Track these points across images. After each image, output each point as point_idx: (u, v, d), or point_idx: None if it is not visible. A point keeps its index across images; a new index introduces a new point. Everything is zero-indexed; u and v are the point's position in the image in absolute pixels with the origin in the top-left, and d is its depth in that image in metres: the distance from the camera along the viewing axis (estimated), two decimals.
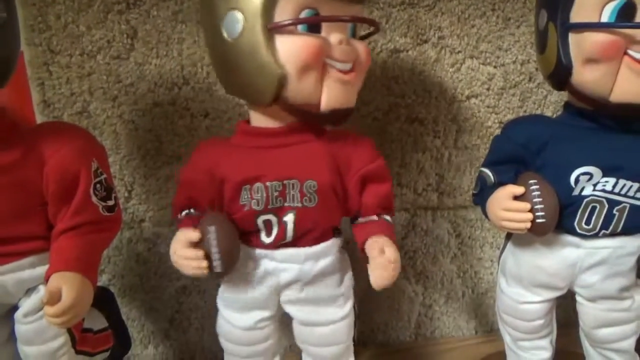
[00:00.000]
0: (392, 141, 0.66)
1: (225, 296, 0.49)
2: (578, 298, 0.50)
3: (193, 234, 0.43)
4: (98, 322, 0.51)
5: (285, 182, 0.44)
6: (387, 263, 0.42)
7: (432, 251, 0.70)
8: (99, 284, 0.66)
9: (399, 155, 0.67)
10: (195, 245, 0.43)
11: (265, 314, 0.49)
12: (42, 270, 0.42)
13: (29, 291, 0.43)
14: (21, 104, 0.60)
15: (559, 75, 0.44)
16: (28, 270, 0.43)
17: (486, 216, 0.48)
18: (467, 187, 0.68)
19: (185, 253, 0.43)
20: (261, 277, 0.47)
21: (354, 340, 0.51)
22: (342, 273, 0.49)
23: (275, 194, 0.44)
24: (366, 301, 0.70)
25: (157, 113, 0.62)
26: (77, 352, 0.46)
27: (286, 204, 0.45)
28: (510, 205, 0.44)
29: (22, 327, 0.43)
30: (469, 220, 0.70)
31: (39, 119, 0.61)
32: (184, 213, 0.48)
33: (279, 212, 0.45)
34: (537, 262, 0.48)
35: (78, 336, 0.46)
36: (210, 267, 0.43)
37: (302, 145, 0.45)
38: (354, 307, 0.51)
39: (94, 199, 0.43)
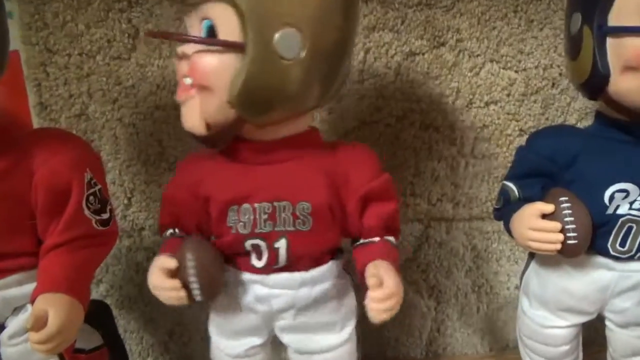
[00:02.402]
0: (405, 149, 0.63)
1: (215, 322, 0.46)
2: (608, 323, 0.46)
3: (169, 262, 0.40)
4: (91, 340, 0.48)
5: (275, 203, 0.41)
6: (386, 293, 0.37)
7: (446, 264, 0.67)
8: (95, 296, 0.64)
9: (412, 163, 0.64)
10: (174, 273, 0.40)
11: (257, 341, 0.46)
12: (30, 288, 0.39)
13: (16, 310, 0.40)
14: (16, 106, 0.57)
15: (594, 83, 0.40)
16: (15, 288, 0.40)
17: (509, 233, 0.45)
18: (484, 198, 0.65)
19: (161, 283, 0.39)
20: (252, 304, 0.44)
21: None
22: (341, 297, 0.45)
23: (264, 216, 0.41)
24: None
25: (159, 117, 0.59)
26: None
27: (277, 229, 0.41)
28: (538, 225, 0.40)
29: (8, 349, 0.40)
30: (485, 232, 0.67)
31: (36, 122, 0.59)
32: (168, 233, 0.45)
33: (268, 237, 0.41)
34: (564, 284, 0.45)
35: (68, 358, 0.43)
36: (190, 296, 0.40)
37: (294, 162, 0.41)
38: (355, 329, 0.47)
39: (86, 212, 0.40)
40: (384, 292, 0.37)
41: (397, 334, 0.68)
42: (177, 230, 0.45)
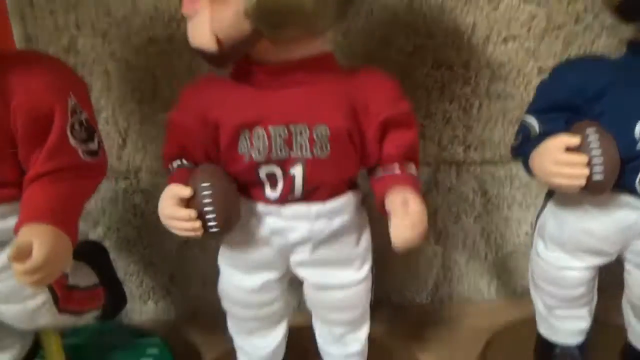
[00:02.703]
0: (416, 88, 0.60)
1: (227, 255, 0.44)
2: (628, 266, 0.44)
3: (184, 190, 0.37)
4: (87, 278, 0.46)
5: (291, 127, 0.38)
6: (411, 219, 0.36)
7: (454, 210, 0.65)
8: (92, 238, 0.63)
9: (423, 104, 0.60)
10: (187, 202, 0.37)
11: (273, 275, 0.44)
12: (14, 221, 0.36)
13: (1, 245, 0.38)
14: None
15: (633, 3, 0.36)
16: None
17: (528, 171, 0.42)
18: (498, 140, 0.62)
19: (175, 212, 0.37)
20: (267, 237, 0.41)
21: (370, 305, 0.46)
22: (360, 231, 0.44)
23: (280, 141, 0.38)
24: (381, 260, 0.65)
25: (152, 51, 0.56)
26: (61, 311, 0.42)
27: (293, 155, 0.38)
28: (563, 158, 0.38)
29: None
30: (497, 177, 0.64)
31: None
32: (175, 164, 0.42)
33: (285, 164, 0.39)
34: (584, 224, 0.43)
35: (61, 294, 0.41)
36: (205, 227, 0.37)
37: (310, 85, 0.38)
38: (371, 269, 0.45)
39: (71, 141, 0.37)
40: (410, 217, 0.36)
41: (403, 280, 0.67)
42: (184, 161, 0.42)
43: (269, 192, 0.40)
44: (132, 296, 0.66)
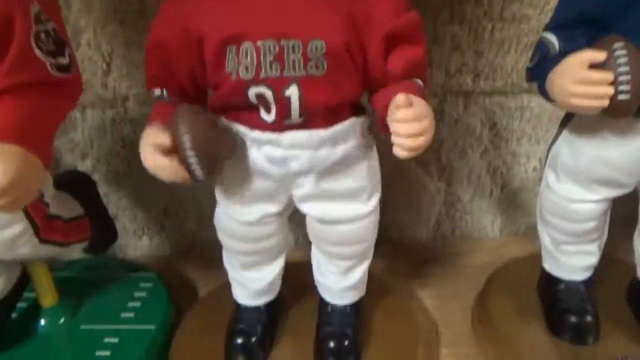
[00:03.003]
0: (422, 11, 0.54)
1: (223, 186, 0.41)
2: None
3: (161, 138, 0.34)
4: (71, 209, 0.44)
5: (282, 42, 0.34)
6: (416, 112, 0.32)
7: (460, 144, 0.61)
8: (81, 168, 0.60)
9: (430, 28, 0.56)
10: (169, 148, 0.34)
11: (272, 208, 0.41)
12: None
13: None
14: None
15: None
16: None
17: (544, 95, 0.38)
18: (510, 68, 0.58)
19: (157, 163, 0.34)
20: (265, 168, 0.38)
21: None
22: (367, 160, 0.40)
23: (270, 58, 0.34)
24: (381, 194, 0.63)
25: None
26: (42, 242, 0.40)
27: (285, 74, 0.35)
28: (586, 76, 0.34)
29: None
30: (507, 108, 0.60)
31: None
32: (156, 93, 0.38)
33: (277, 84, 0.35)
34: (602, 152, 0.39)
35: (41, 224, 0.39)
36: (190, 174, 0.35)
37: None
38: (380, 201, 0.43)
39: (37, 52, 0.33)
40: (414, 110, 0.32)
41: (404, 216, 0.65)
42: (165, 92, 0.38)
43: (264, 116, 0.37)
44: (125, 231, 0.64)
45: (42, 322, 0.47)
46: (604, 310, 0.45)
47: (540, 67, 0.39)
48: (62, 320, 0.48)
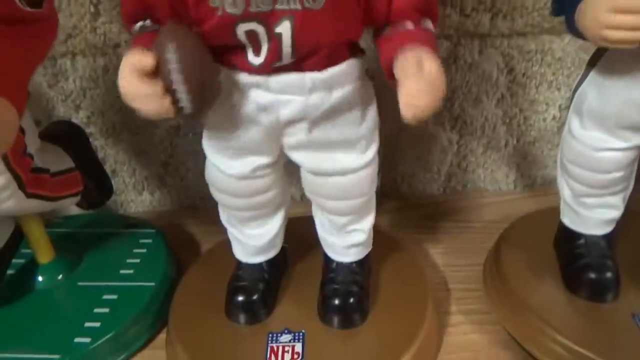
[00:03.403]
0: None
1: (210, 138, 0.38)
2: None
3: (144, 58, 0.29)
4: (59, 161, 0.41)
5: None
6: (426, 82, 0.29)
7: (475, 91, 0.57)
8: (75, 120, 0.57)
9: None
10: (152, 74, 0.30)
11: (264, 160, 0.38)
12: None
13: None
14: None
15: None
16: None
17: (572, 31, 0.34)
18: (531, 7, 0.53)
19: (136, 88, 0.30)
20: (253, 115, 0.35)
21: (377, 193, 0.41)
22: (365, 108, 0.37)
23: None
24: (389, 146, 0.60)
25: None
26: (29, 196, 0.37)
27: (278, 6, 0.31)
28: (623, 4, 0.29)
29: None
30: (526, 52, 0.56)
31: None
32: (137, 26, 0.34)
33: (268, 19, 0.31)
34: (634, 94, 0.36)
35: (26, 177, 0.37)
36: (176, 105, 0.30)
37: None
38: (378, 152, 0.40)
39: None
40: (425, 79, 0.29)
41: (414, 169, 0.62)
42: (148, 22, 0.34)
43: (252, 58, 0.33)
44: (125, 186, 0.62)
45: (40, 278, 0.46)
46: (624, 265, 0.42)
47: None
48: (59, 277, 0.47)
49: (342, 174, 0.38)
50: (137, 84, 0.30)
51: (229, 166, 0.38)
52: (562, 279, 0.43)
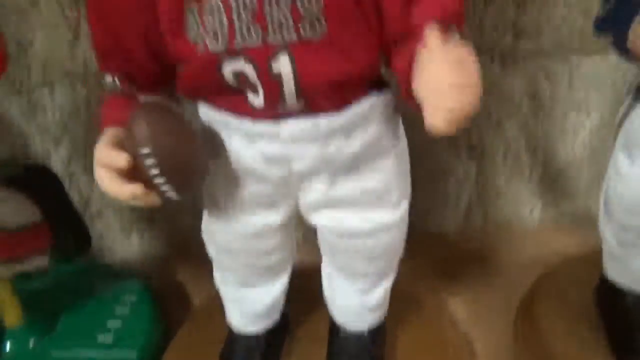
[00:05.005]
0: None
1: (212, 192, 0.33)
2: None
3: (117, 160, 0.26)
4: (19, 214, 0.36)
5: None
6: (455, 56, 0.23)
7: (495, 116, 0.53)
8: (57, 160, 0.53)
9: None
10: (130, 170, 0.26)
11: (273, 218, 0.33)
12: None
13: None
14: None
15: None
16: None
17: (621, 51, 0.30)
18: (560, 23, 0.48)
19: (116, 190, 0.26)
20: (261, 168, 0.30)
21: None
22: (395, 153, 0.32)
23: (246, 18, 0.25)
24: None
25: None
26: None
27: (270, 39, 0.26)
28: None
29: None
30: (552, 73, 0.51)
31: None
32: (108, 80, 0.30)
33: (258, 55, 0.26)
34: None
35: None
36: (161, 195, 0.27)
37: None
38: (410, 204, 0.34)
39: None
40: (452, 53, 0.23)
41: (429, 204, 0.57)
42: (116, 80, 0.30)
43: (252, 99, 0.28)
44: (111, 230, 0.57)
45: (8, 345, 0.41)
46: None
47: (619, 14, 0.30)
48: (30, 343, 0.42)
49: (371, 234, 0.33)
50: (115, 187, 0.26)
51: (232, 224, 0.33)
52: (608, 343, 0.37)
